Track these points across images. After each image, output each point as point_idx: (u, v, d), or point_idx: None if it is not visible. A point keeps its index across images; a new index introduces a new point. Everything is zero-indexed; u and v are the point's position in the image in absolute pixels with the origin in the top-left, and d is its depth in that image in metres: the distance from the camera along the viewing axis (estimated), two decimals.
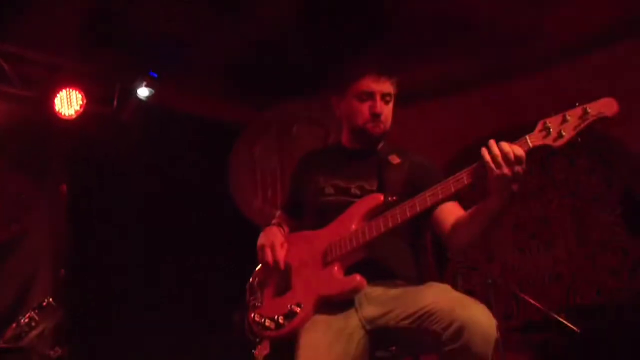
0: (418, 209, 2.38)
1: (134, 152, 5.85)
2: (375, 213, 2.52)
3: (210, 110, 6.43)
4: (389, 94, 2.74)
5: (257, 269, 2.86)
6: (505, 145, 2.22)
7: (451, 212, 2.57)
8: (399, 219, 2.41)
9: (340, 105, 2.85)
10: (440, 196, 2.36)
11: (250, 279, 2.86)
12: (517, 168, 2.20)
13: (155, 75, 5.70)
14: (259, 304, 2.73)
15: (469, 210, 2.50)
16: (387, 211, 2.46)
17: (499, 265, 6.10)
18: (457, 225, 2.53)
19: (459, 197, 2.47)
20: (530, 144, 2.20)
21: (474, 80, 6.04)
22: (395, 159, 2.77)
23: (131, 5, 5.02)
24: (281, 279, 2.69)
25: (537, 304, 4.70)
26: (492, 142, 2.25)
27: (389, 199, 2.52)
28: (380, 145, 2.85)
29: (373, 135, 2.76)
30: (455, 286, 2.51)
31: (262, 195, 6.62)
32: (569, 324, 4.46)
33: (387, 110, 2.75)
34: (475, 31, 5.64)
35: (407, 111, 6.07)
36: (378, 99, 2.71)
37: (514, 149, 2.20)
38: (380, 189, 2.66)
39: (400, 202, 2.46)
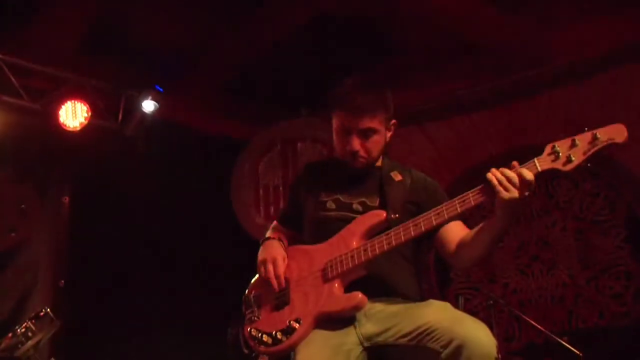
0: (423, 228, 2.36)
1: (137, 166, 5.86)
2: (377, 230, 2.50)
3: (214, 125, 6.46)
4: (369, 129, 2.60)
5: (253, 281, 2.83)
6: (507, 171, 2.21)
7: (456, 232, 2.54)
8: (403, 238, 2.39)
9: (331, 127, 2.78)
10: (445, 216, 2.35)
11: (247, 292, 2.83)
12: (525, 191, 2.19)
13: (161, 90, 5.72)
14: (256, 318, 2.68)
15: (473, 230, 2.48)
16: (389, 229, 2.44)
17: (500, 286, 6.07)
18: (462, 244, 2.51)
19: (464, 216, 2.45)
20: (539, 168, 2.18)
21: (480, 101, 6.03)
22: (397, 176, 2.73)
23: (137, 20, 5.05)
24: (279, 294, 2.66)
25: (539, 327, 4.67)
26: (496, 169, 2.25)
27: (392, 216, 2.50)
28: (381, 161, 2.81)
29: (354, 169, 2.70)
30: (456, 306, 2.48)
31: (265, 211, 6.63)
32: (571, 348, 4.42)
33: (368, 145, 2.63)
34: (482, 52, 5.67)
35: (410, 130, 6.20)
36: (354, 136, 2.60)
37: (523, 173, 2.19)
38: (382, 206, 2.62)
39: (402, 219, 2.44)
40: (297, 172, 3.13)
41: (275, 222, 3.06)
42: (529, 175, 2.18)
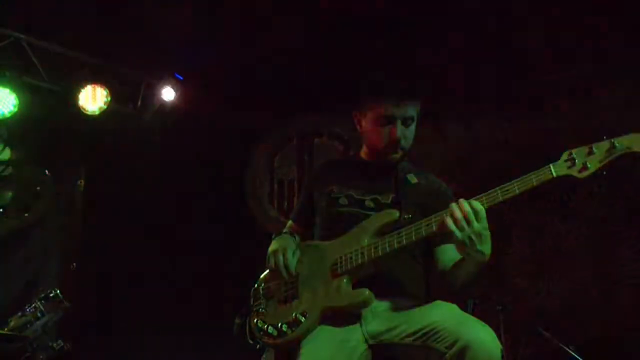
0: (434, 228, 2.37)
1: (153, 154, 5.90)
2: (388, 229, 2.51)
3: (232, 116, 6.44)
4: (410, 117, 2.68)
5: (263, 274, 2.86)
6: (465, 205, 2.26)
7: (447, 254, 2.58)
8: (414, 237, 2.40)
9: (362, 122, 2.82)
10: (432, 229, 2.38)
11: (256, 285, 2.86)
12: (473, 229, 2.24)
13: (181, 78, 5.74)
14: (263, 310, 2.72)
15: (456, 260, 2.51)
16: (400, 228, 2.45)
17: (509, 292, 6.04)
18: (447, 270, 2.57)
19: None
20: (554, 173, 2.20)
21: (502, 100, 6.00)
22: (413, 179, 2.76)
23: (161, 9, 5.06)
24: (288, 287, 2.68)
25: (548, 335, 4.63)
26: (461, 202, 2.29)
27: (404, 216, 2.53)
28: (400, 161, 2.84)
29: (392, 159, 2.74)
30: (465, 310, 2.49)
31: (279, 205, 6.62)
32: (580, 359, 4.39)
33: (408, 133, 2.71)
34: (505, 54, 5.63)
35: (427, 130, 6.16)
36: (399, 123, 2.66)
37: (472, 206, 2.25)
38: (394, 204, 2.65)
39: (414, 220, 2.45)
40: (312, 169, 3.13)
41: (289, 222, 3.09)
42: (477, 207, 2.25)
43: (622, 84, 5.53)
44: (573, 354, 4.40)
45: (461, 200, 2.29)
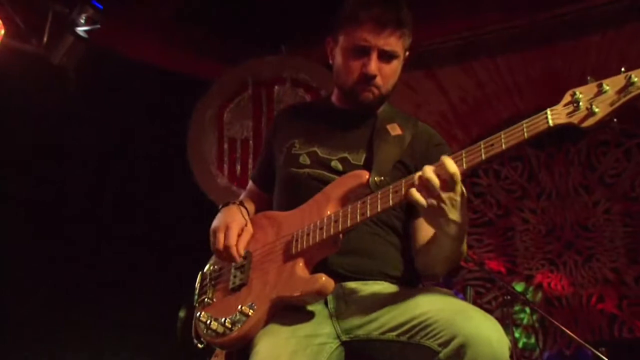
0: (403, 193, 2.32)
1: (66, 104, 5.81)
2: (356, 196, 2.50)
3: (169, 59, 6.41)
4: (392, 52, 2.68)
5: (213, 256, 2.89)
6: (428, 171, 2.23)
7: (424, 230, 2.58)
8: (379, 207, 2.37)
9: (334, 51, 2.83)
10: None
11: (205, 268, 2.89)
12: (444, 196, 2.22)
13: (100, 7, 5.64)
14: (209, 300, 2.74)
15: (429, 238, 2.54)
16: (370, 195, 2.43)
17: (522, 278, 6.11)
18: (422, 248, 2.60)
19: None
20: (551, 122, 2.08)
21: (508, 41, 6.02)
22: (395, 129, 2.76)
23: None
24: (238, 272, 2.69)
25: (570, 333, 4.69)
26: (426, 168, 2.24)
27: (375, 179, 2.50)
28: (381, 108, 2.85)
29: (362, 101, 2.75)
30: (464, 299, 2.50)
31: (229, 170, 6.63)
32: None
33: (387, 71, 2.71)
34: None
35: (416, 76, 6.14)
36: (374, 56, 2.67)
37: (447, 166, 2.20)
38: (367, 165, 2.66)
39: (387, 184, 2.42)
40: (274, 117, 3.14)
41: (250, 183, 3.13)
42: (452, 169, 2.20)
43: None
44: (603, 357, 4.44)
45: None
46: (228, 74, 6.80)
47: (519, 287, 5.98)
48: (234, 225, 2.73)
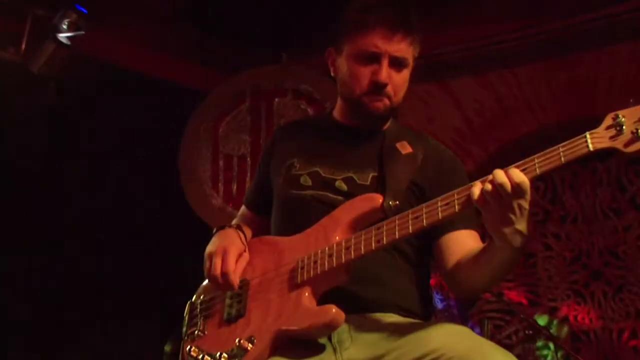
0: (425, 223, 2.33)
1: (47, 117, 5.81)
2: (369, 221, 2.49)
3: (160, 68, 6.41)
4: (403, 59, 2.69)
5: (203, 284, 2.87)
6: (500, 175, 2.20)
7: (462, 244, 2.60)
8: (397, 235, 2.37)
9: (337, 62, 2.84)
10: (456, 208, 2.31)
11: (194, 297, 2.86)
12: (515, 203, 2.20)
13: (85, 11, 5.64)
14: (200, 333, 2.71)
15: (477, 249, 2.52)
16: (384, 220, 2.43)
17: (545, 310, 6.08)
18: (461, 264, 2.56)
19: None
20: (591, 146, 2.11)
21: (529, 50, 5.99)
22: (405, 147, 2.76)
23: None
24: (234, 302, 2.67)
25: None
26: (497, 172, 2.22)
27: (390, 202, 2.48)
28: (387, 124, 2.86)
29: (372, 112, 2.74)
30: (481, 334, 2.47)
31: (225, 190, 6.62)
32: None
33: (398, 80, 2.71)
34: None
35: (428, 88, 6.14)
36: (385, 63, 2.67)
37: (514, 175, 2.18)
38: (377, 186, 2.65)
39: (403, 208, 2.43)
40: (270, 135, 3.14)
41: (242, 208, 3.14)
42: (519, 178, 2.17)
43: None
44: None
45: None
46: (224, 84, 6.79)
47: (542, 320, 5.93)
48: (232, 250, 2.71)
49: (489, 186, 2.20)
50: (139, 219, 6.18)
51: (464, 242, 2.59)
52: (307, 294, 2.49)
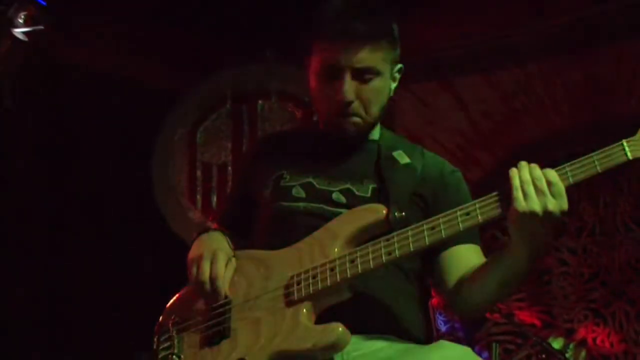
0: (443, 234, 2.37)
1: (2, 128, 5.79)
2: (370, 233, 2.51)
3: (129, 69, 6.45)
4: (367, 69, 2.67)
5: (175, 297, 2.84)
6: (536, 169, 2.27)
7: (465, 257, 2.63)
8: (412, 247, 2.39)
9: (310, 74, 2.83)
10: (479, 219, 2.35)
11: (161, 317, 2.82)
12: (553, 203, 2.23)
13: (44, 3, 5.64)
14: (176, 358, 2.67)
15: (482, 262, 2.58)
16: (389, 233, 2.44)
17: (561, 333, 6.08)
18: (468, 277, 2.59)
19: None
20: (630, 154, 2.18)
21: (541, 46, 6.03)
22: (402, 157, 2.80)
23: None
24: (214, 319, 2.64)
25: None
26: (523, 164, 2.31)
27: (396, 214, 2.48)
28: (380, 132, 2.90)
29: (343, 133, 2.76)
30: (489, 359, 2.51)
31: (203, 202, 6.64)
32: None
33: (366, 93, 2.70)
34: None
35: (430, 87, 6.15)
36: (348, 77, 2.66)
37: (548, 175, 2.24)
38: (379, 198, 2.65)
39: (409, 220, 2.45)
40: (251, 145, 3.13)
41: (214, 226, 3.06)
42: (553, 177, 2.23)
43: None
44: None
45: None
46: (201, 86, 6.82)
47: (557, 343, 5.94)
48: (220, 254, 2.67)
49: (531, 188, 2.25)
50: (103, 232, 6.18)
51: (467, 257, 2.63)
52: (305, 311, 2.48)
